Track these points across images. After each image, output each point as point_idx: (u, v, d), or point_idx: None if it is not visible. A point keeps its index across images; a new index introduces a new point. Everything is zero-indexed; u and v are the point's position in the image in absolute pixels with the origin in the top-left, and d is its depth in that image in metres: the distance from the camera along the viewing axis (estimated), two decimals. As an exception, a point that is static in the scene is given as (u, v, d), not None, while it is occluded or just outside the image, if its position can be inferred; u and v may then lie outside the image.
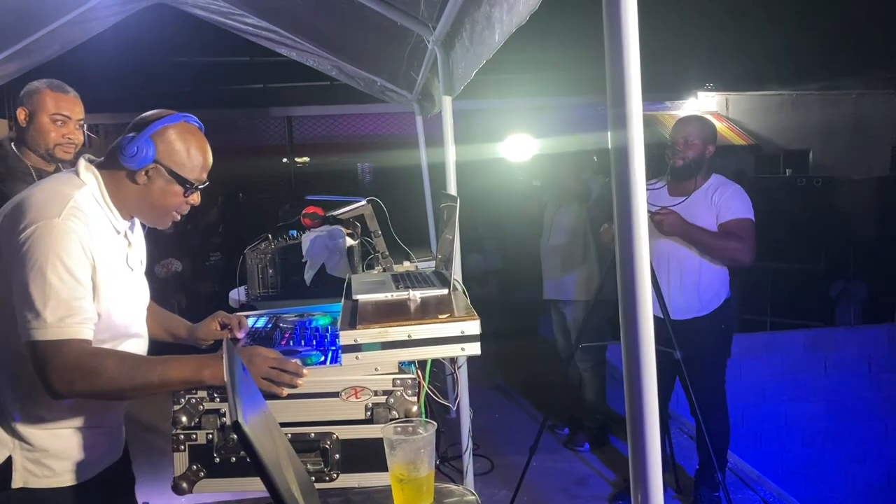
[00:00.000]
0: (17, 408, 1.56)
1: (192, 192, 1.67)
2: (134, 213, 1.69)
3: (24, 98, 2.57)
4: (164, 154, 1.61)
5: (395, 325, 1.52)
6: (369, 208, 2.66)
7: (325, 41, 4.27)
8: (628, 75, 1.05)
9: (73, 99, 2.60)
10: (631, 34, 1.05)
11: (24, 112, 2.56)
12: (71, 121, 2.58)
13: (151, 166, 1.60)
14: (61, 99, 2.56)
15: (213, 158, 1.71)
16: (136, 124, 1.63)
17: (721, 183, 3.29)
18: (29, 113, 2.56)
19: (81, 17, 3.82)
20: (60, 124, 2.56)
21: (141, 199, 1.64)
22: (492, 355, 2.09)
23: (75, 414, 1.60)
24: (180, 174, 1.63)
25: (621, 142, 1.07)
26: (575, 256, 4.24)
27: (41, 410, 1.57)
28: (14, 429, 1.56)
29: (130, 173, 1.61)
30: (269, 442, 1.08)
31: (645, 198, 1.08)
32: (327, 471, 1.51)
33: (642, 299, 1.08)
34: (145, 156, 1.58)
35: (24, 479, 1.56)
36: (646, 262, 1.08)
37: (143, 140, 1.58)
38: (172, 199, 1.66)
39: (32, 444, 1.57)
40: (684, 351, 3.06)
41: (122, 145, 1.59)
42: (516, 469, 3.49)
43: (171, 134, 1.62)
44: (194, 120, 1.69)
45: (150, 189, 1.63)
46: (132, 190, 1.63)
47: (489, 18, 2.10)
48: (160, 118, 1.62)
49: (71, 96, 2.60)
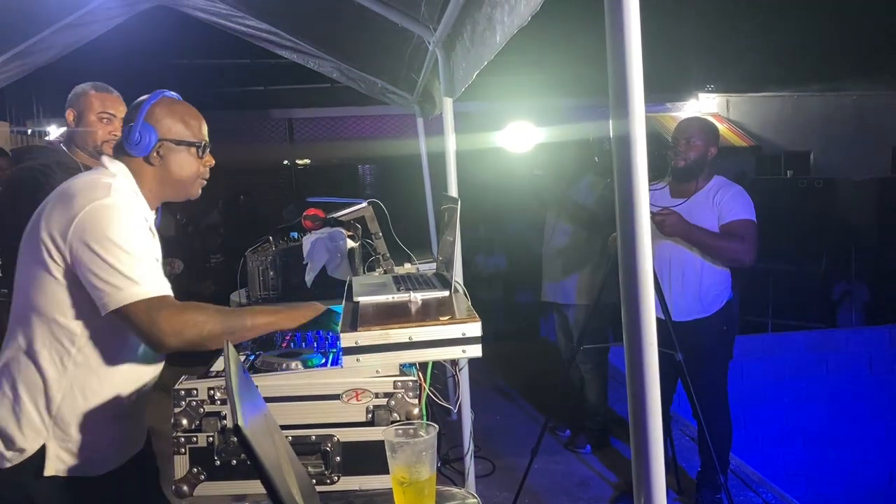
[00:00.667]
0: (57, 396, 1.64)
1: (204, 153, 1.80)
2: (164, 194, 1.80)
3: (71, 100, 2.72)
4: (163, 130, 1.73)
5: (397, 327, 1.52)
6: (370, 210, 2.65)
7: (325, 43, 4.27)
8: (630, 77, 1.05)
9: (117, 98, 2.75)
10: (633, 35, 1.04)
11: (73, 113, 2.71)
12: (116, 119, 2.71)
13: (158, 145, 1.73)
14: (107, 98, 2.71)
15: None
16: (127, 117, 1.76)
17: (723, 184, 3.29)
18: (77, 114, 2.71)
19: (82, 20, 3.82)
20: (107, 122, 2.69)
21: (164, 178, 1.76)
22: (493, 357, 2.09)
23: (108, 403, 1.68)
24: (186, 139, 1.76)
25: (623, 143, 1.07)
26: (577, 259, 4.23)
27: (79, 398, 1.65)
28: (50, 418, 1.64)
29: (145, 159, 1.73)
30: (269, 445, 1.08)
31: (647, 199, 1.07)
32: (328, 473, 1.51)
33: (645, 301, 1.08)
34: (150, 138, 1.71)
35: (57, 467, 1.64)
36: (648, 263, 1.08)
37: (140, 125, 1.71)
38: (191, 166, 1.78)
39: (66, 433, 1.65)
40: (686, 352, 3.06)
41: (125, 139, 1.72)
42: (518, 471, 3.49)
43: (159, 111, 1.74)
44: (171, 93, 1.81)
45: (167, 166, 1.75)
46: (153, 173, 1.75)
47: (490, 19, 2.09)
48: (143, 102, 1.75)
49: (115, 96, 2.74)
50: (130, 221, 1.62)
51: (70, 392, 1.65)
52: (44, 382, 1.64)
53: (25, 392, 1.64)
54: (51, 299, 1.63)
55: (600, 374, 4.27)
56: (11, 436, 1.64)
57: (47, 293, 1.63)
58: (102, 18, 3.92)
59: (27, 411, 1.64)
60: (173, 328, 1.55)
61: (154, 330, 1.54)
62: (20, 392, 1.65)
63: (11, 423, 1.64)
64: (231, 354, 1.23)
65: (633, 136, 1.06)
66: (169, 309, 1.57)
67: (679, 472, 3.76)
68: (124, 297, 1.55)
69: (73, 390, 1.65)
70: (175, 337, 1.56)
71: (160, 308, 1.56)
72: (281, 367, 1.60)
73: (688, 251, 3.25)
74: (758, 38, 7.57)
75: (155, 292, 1.57)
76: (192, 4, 4.08)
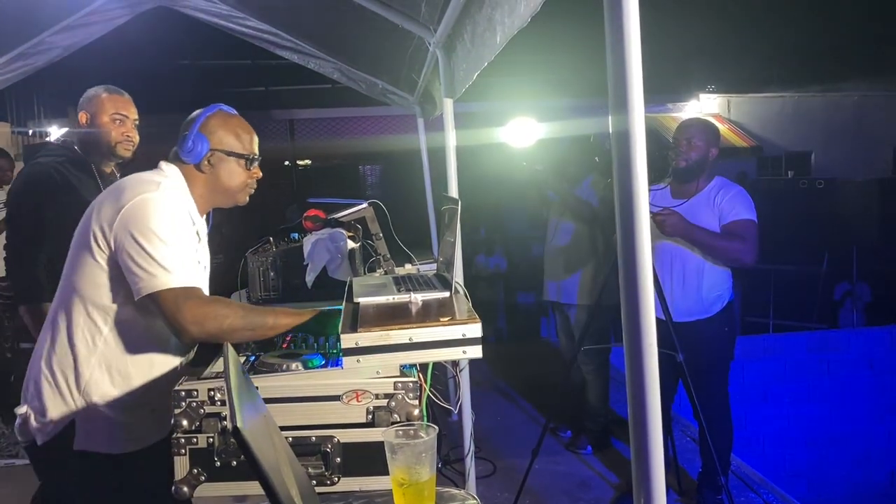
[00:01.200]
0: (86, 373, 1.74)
1: (252, 165, 1.90)
2: (213, 200, 1.91)
3: (83, 104, 2.77)
4: (215, 140, 1.84)
5: (397, 328, 1.52)
6: (371, 211, 2.66)
7: (326, 44, 4.27)
8: (630, 77, 1.05)
9: (128, 100, 2.80)
10: (633, 36, 1.04)
11: (86, 115, 2.75)
12: (128, 120, 2.78)
13: (209, 154, 1.83)
14: (118, 100, 2.77)
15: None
16: (184, 125, 1.86)
17: (724, 185, 3.29)
18: (90, 116, 2.75)
19: (83, 21, 3.82)
20: (119, 123, 2.75)
21: (213, 186, 1.87)
22: (494, 358, 2.09)
23: (134, 386, 1.78)
24: (236, 151, 1.86)
25: (623, 142, 1.07)
26: (579, 258, 4.23)
27: (106, 377, 1.75)
28: (80, 393, 1.75)
29: (196, 167, 1.85)
30: (268, 446, 1.08)
31: (647, 200, 1.07)
32: (328, 474, 1.51)
33: (644, 301, 1.08)
34: (202, 147, 1.82)
35: (83, 443, 1.74)
36: (648, 263, 1.08)
37: (194, 134, 1.81)
38: (239, 176, 1.89)
39: (95, 412, 1.75)
40: (687, 353, 3.05)
41: (179, 146, 1.83)
42: (518, 472, 3.48)
43: (213, 122, 1.85)
44: (227, 107, 1.93)
45: (216, 174, 1.86)
46: (203, 180, 1.86)
47: (490, 20, 2.09)
48: (200, 114, 1.86)
49: (126, 98, 2.80)
50: (173, 215, 1.72)
51: (98, 369, 1.75)
52: (74, 359, 1.75)
53: (58, 367, 1.76)
54: (91, 282, 1.74)
55: (601, 375, 4.27)
56: (45, 407, 1.75)
57: (88, 276, 1.74)
58: (104, 19, 3.93)
59: (60, 385, 1.75)
60: (195, 318, 1.63)
61: (178, 318, 1.63)
62: (54, 367, 1.76)
63: (47, 394, 1.76)
64: (231, 356, 1.23)
65: (633, 136, 1.06)
66: (195, 300, 1.65)
67: (680, 472, 3.75)
68: (156, 283, 1.64)
69: (101, 368, 1.75)
70: (196, 326, 1.63)
71: (187, 298, 1.64)
72: (281, 368, 1.60)
73: (689, 252, 3.25)
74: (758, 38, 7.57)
75: (185, 283, 1.66)
76: (194, 5, 4.08)
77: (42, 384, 1.77)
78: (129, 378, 1.77)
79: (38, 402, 1.77)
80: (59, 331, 1.78)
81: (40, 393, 1.77)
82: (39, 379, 1.78)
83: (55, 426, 1.75)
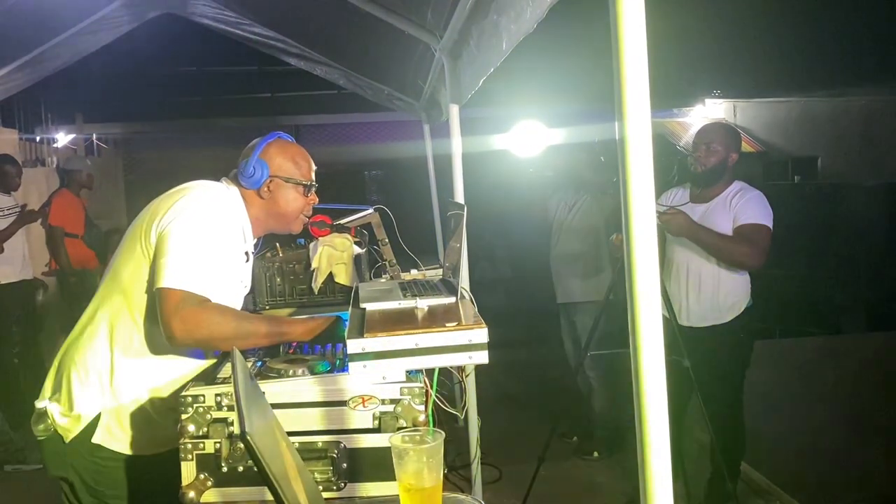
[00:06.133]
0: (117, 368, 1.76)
1: (310, 192, 1.97)
2: (268, 225, 1.97)
3: None
4: (275, 167, 1.90)
5: (403, 333, 1.52)
6: (377, 216, 2.66)
7: (332, 50, 4.29)
8: (636, 83, 1.05)
9: None
10: (638, 41, 1.04)
11: None
12: None
13: (269, 181, 1.89)
14: None
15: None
16: (245, 151, 1.92)
17: (742, 188, 3.27)
18: None
19: (91, 28, 3.85)
20: None
21: (270, 211, 1.93)
22: (500, 363, 2.09)
23: (164, 393, 1.79)
24: (294, 178, 1.93)
25: (628, 145, 1.07)
26: (584, 262, 4.22)
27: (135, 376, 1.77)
28: (110, 393, 1.76)
29: (256, 192, 1.91)
30: (276, 451, 1.08)
31: (653, 201, 1.07)
32: (335, 480, 1.51)
33: (650, 306, 1.07)
34: (262, 173, 1.87)
35: (103, 437, 1.76)
36: (654, 267, 1.07)
37: (255, 161, 1.87)
38: (297, 202, 1.95)
39: (119, 411, 1.76)
40: (701, 359, 3.03)
41: (240, 172, 1.89)
42: (525, 478, 3.47)
43: (273, 150, 1.92)
44: (285, 135, 1.99)
45: (275, 200, 1.92)
46: (261, 205, 1.92)
47: (496, 27, 2.10)
48: (260, 141, 1.92)
49: None
50: (219, 223, 1.77)
51: (133, 370, 1.77)
52: (111, 357, 1.77)
53: (93, 364, 1.77)
54: (134, 273, 1.76)
55: (608, 381, 4.25)
56: (74, 402, 1.77)
57: (132, 267, 1.77)
58: (111, 27, 3.96)
59: (92, 382, 1.77)
60: (186, 326, 1.64)
61: (170, 321, 1.63)
62: (89, 364, 1.78)
63: (76, 390, 1.77)
64: (238, 361, 1.23)
65: (638, 141, 1.06)
66: (193, 307, 1.65)
67: (688, 479, 3.73)
68: (170, 280, 1.65)
69: (135, 369, 1.77)
70: (185, 334, 1.64)
71: (187, 304, 1.64)
72: (288, 373, 1.60)
73: (704, 257, 3.23)
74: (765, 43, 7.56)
75: (194, 289, 1.66)
76: (200, 12, 4.11)
77: (73, 379, 1.78)
78: (160, 381, 1.79)
79: (66, 395, 1.78)
80: (100, 327, 1.80)
81: (70, 387, 1.78)
82: (71, 373, 1.79)
83: (81, 421, 1.76)
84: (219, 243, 1.76)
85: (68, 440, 1.77)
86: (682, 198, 3.33)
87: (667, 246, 3.36)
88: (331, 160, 9.93)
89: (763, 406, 5.18)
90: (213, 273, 1.72)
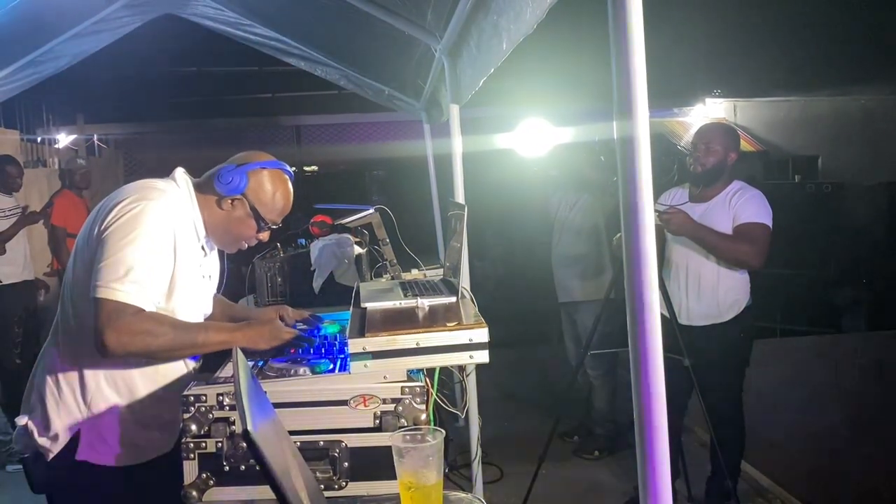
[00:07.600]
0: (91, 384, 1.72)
1: (263, 230, 1.89)
2: (210, 232, 1.87)
3: None
4: (252, 190, 1.82)
5: (404, 332, 1.53)
6: (377, 216, 2.67)
7: (333, 51, 4.30)
8: (635, 82, 1.05)
9: None
10: (637, 40, 1.05)
11: None
12: None
13: (238, 198, 1.82)
14: None
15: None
16: (239, 158, 1.85)
17: (741, 187, 3.28)
18: None
19: (91, 28, 3.86)
20: None
21: (219, 223, 1.84)
22: (501, 363, 2.09)
23: (143, 403, 1.75)
24: (260, 212, 1.84)
25: (627, 145, 1.07)
26: (586, 261, 4.23)
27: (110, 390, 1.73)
28: (87, 409, 1.72)
29: (219, 199, 1.82)
30: (278, 450, 1.09)
31: (652, 201, 1.07)
32: (336, 479, 1.51)
33: (650, 304, 1.08)
34: (236, 187, 1.79)
35: (87, 453, 1.72)
36: (653, 266, 1.08)
37: (240, 173, 1.80)
38: (246, 231, 1.87)
39: (98, 424, 1.72)
40: (702, 357, 3.04)
41: (220, 172, 1.80)
42: (526, 477, 3.48)
43: (264, 175, 1.83)
44: (288, 171, 1.90)
45: (230, 216, 1.84)
46: (215, 213, 1.84)
47: (496, 27, 2.10)
48: (261, 160, 1.84)
49: None
50: (158, 227, 1.67)
51: (105, 382, 1.72)
52: (80, 370, 1.72)
53: (64, 379, 1.73)
54: (80, 281, 1.70)
55: (609, 380, 4.26)
56: (49, 419, 1.72)
57: (78, 275, 1.71)
58: (112, 27, 3.96)
59: (66, 397, 1.73)
60: (119, 339, 1.58)
61: (104, 331, 1.57)
62: (60, 378, 1.73)
63: (51, 406, 1.73)
64: (240, 360, 1.24)
65: (638, 140, 1.06)
66: (129, 319, 1.59)
67: (689, 478, 3.74)
68: (97, 288, 1.59)
69: (107, 380, 1.72)
70: (119, 346, 1.58)
71: (122, 315, 1.58)
72: (289, 372, 1.60)
73: (704, 256, 3.24)
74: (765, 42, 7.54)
75: (130, 301, 1.59)
76: (201, 13, 4.12)
77: (46, 395, 1.74)
78: (136, 390, 1.75)
79: (40, 413, 1.73)
80: (62, 339, 1.75)
81: (44, 404, 1.73)
82: (44, 390, 1.74)
83: (59, 439, 1.72)
84: (159, 246, 1.67)
85: (50, 459, 1.73)
86: (681, 197, 3.35)
87: (666, 245, 3.37)
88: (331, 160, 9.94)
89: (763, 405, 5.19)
90: (154, 278, 1.65)
